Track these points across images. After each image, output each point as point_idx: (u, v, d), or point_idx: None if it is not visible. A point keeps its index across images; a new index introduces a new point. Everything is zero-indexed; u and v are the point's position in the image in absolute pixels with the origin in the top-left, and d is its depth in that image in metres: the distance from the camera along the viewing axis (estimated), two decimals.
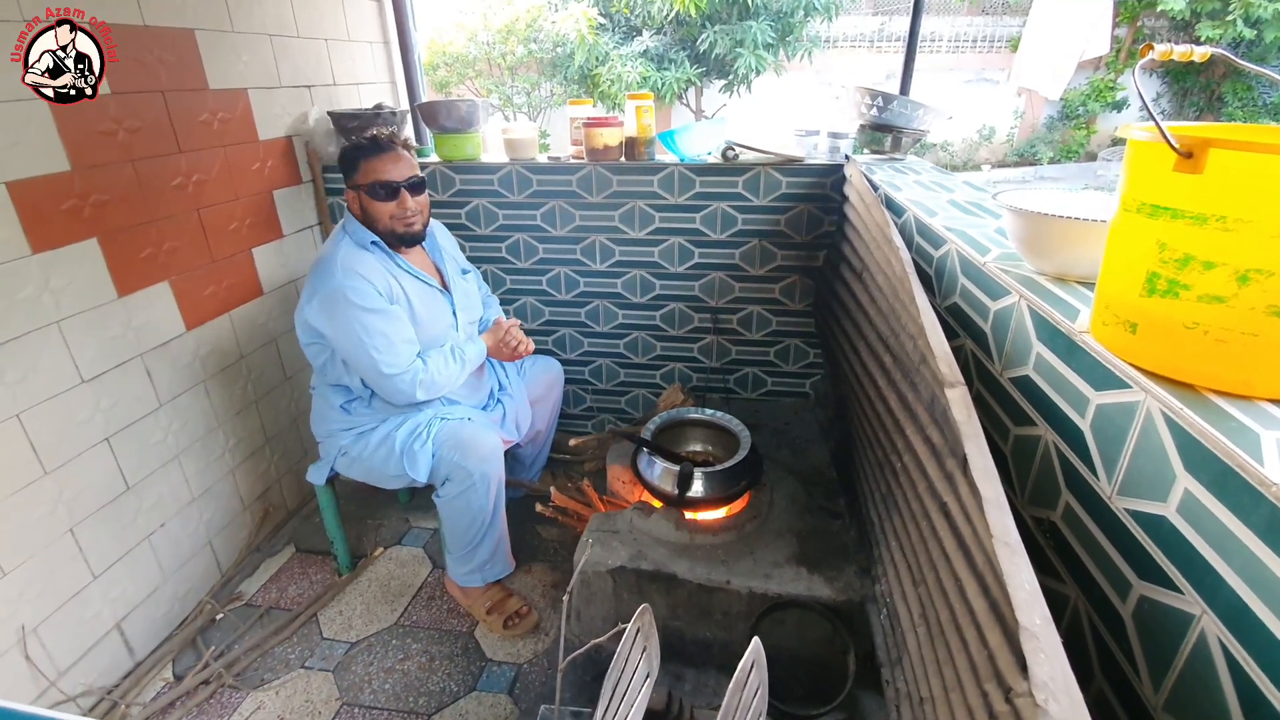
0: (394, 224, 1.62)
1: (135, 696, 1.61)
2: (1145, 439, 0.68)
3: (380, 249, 1.65)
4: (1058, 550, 0.86)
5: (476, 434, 1.67)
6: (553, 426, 2.24)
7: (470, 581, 1.79)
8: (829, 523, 1.60)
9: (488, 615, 1.79)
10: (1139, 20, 9.14)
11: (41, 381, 1.41)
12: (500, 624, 1.77)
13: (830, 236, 2.08)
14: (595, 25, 6.37)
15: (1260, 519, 0.54)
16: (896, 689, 1.09)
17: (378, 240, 1.64)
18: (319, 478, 1.84)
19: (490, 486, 1.67)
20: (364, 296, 1.54)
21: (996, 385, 1.03)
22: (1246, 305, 0.61)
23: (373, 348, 1.54)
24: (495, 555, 1.78)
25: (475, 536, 1.72)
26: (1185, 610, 0.62)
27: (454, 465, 1.63)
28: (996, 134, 9.89)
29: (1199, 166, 0.60)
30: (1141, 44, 9.59)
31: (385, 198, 1.59)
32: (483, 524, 1.71)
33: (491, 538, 1.75)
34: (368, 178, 1.58)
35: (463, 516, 1.68)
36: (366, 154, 1.58)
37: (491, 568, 1.79)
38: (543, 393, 2.09)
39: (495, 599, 1.81)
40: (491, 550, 1.76)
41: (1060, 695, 0.44)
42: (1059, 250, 0.94)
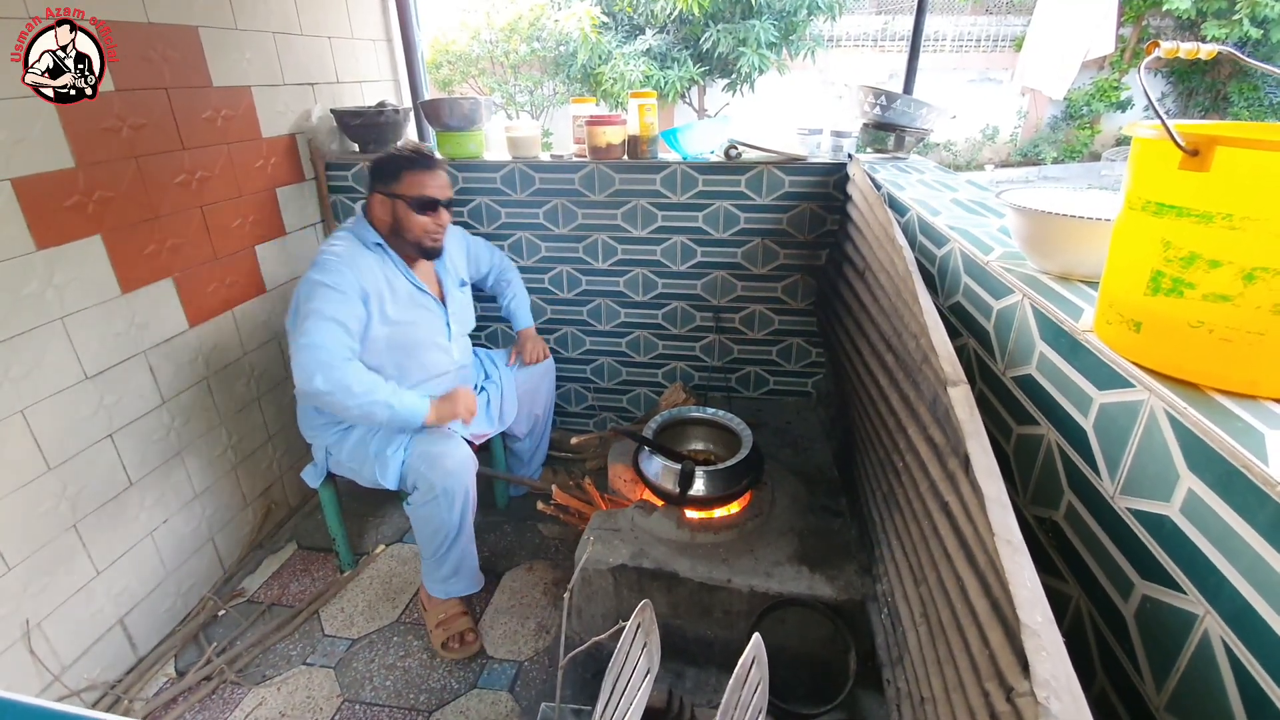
0: (424, 238, 1.66)
1: (138, 691, 1.61)
2: (1148, 438, 0.67)
3: (384, 251, 1.66)
4: (1060, 550, 0.86)
5: (447, 448, 1.63)
6: (549, 421, 2.23)
7: (434, 590, 1.76)
8: (830, 521, 1.59)
9: (435, 628, 1.74)
10: (1144, 19, 9.11)
11: (46, 378, 1.42)
12: (441, 640, 1.72)
13: (833, 235, 2.07)
14: (598, 24, 6.37)
15: (1265, 519, 0.54)
16: (897, 688, 1.09)
17: (381, 242, 1.65)
18: (314, 480, 1.84)
19: (455, 501, 1.63)
20: (334, 275, 1.53)
21: (999, 384, 1.03)
22: (1252, 304, 0.61)
23: (310, 325, 1.50)
24: (460, 571, 1.74)
25: (439, 549, 1.69)
26: (1188, 610, 0.62)
27: (420, 475, 1.61)
28: (1000, 134, 9.87)
29: (1205, 164, 0.60)
30: (1147, 43, 9.56)
31: (426, 212, 1.63)
32: (446, 537, 1.67)
33: (455, 553, 1.71)
34: (413, 190, 1.61)
35: (426, 526, 1.66)
36: (415, 166, 1.62)
37: (455, 583, 1.75)
38: (534, 385, 2.09)
39: (449, 613, 1.76)
40: (455, 566, 1.72)
41: (1062, 693, 0.44)
42: (1063, 249, 0.93)
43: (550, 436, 2.31)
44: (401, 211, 1.63)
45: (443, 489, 1.61)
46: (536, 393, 2.12)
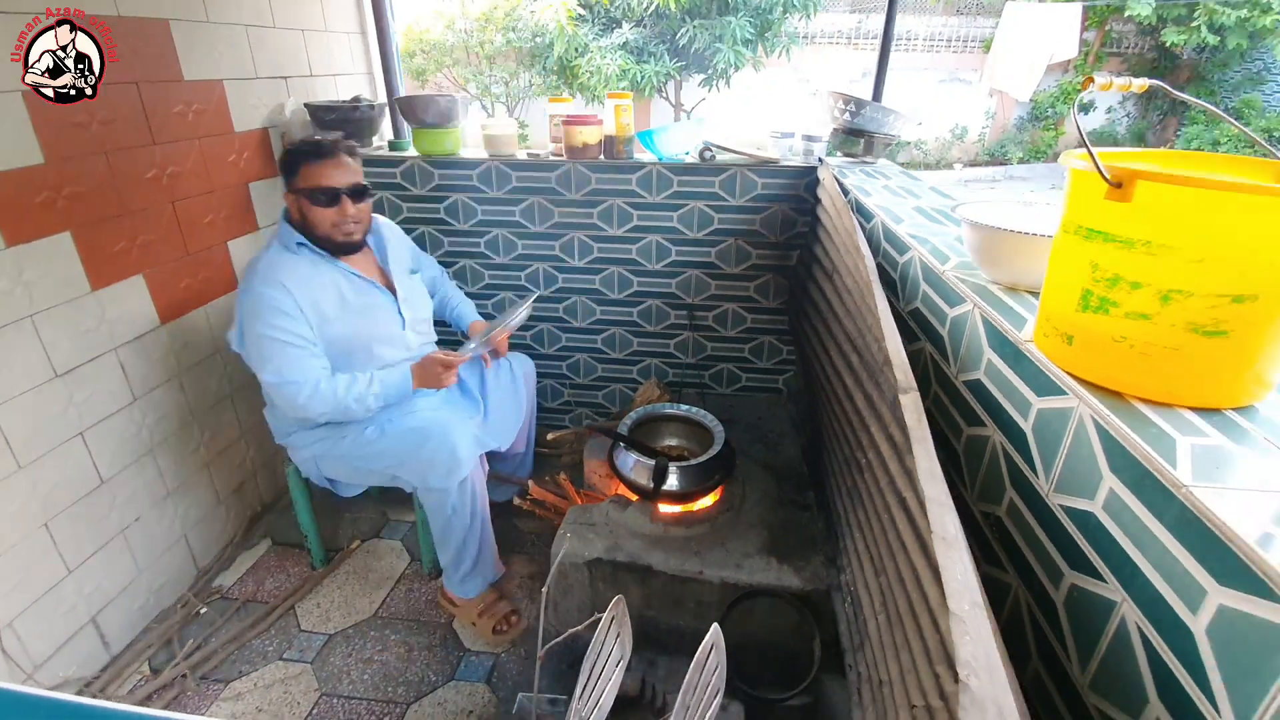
0: (333, 231, 1.59)
1: (113, 690, 1.61)
2: (1077, 442, 0.74)
3: (310, 250, 1.60)
4: (1002, 543, 0.92)
5: (443, 444, 1.64)
6: (533, 423, 2.26)
7: (459, 592, 1.80)
8: (799, 515, 1.66)
9: (479, 618, 1.79)
10: (1107, 25, 9.37)
11: (14, 376, 1.40)
12: (490, 628, 1.78)
13: (804, 237, 2.14)
14: (575, 16, 6.34)
15: (1172, 516, 0.60)
16: (859, 673, 1.15)
17: (304, 242, 1.59)
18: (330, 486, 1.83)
19: (465, 492, 1.68)
20: (273, 302, 1.50)
21: (952, 388, 1.09)
22: (1168, 322, 0.67)
23: (268, 355, 1.51)
24: (479, 563, 1.79)
25: (457, 542, 1.73)
26: (1108, 598, 0.69)
27: (420, 472, 1.64)
28: (969, 133, 10.08)
29: (1128, 195, 0.66)
30: (1109, 47, 9.80)
31: (325, 204, 1.57)
32: (462, 528, 1.72)
33: (473, 544, 1.75)
34: (308, 182, 1.56)
35: (438, 519, 1.71)
36: (308, 158, 1.55)
37: (476, 576, 1.80)
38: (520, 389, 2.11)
39: (486, 601, 1.82)
40: (475, 558, 1.77)
41: (981, 672, 0.50)
42: (1010, 261, 1.00)
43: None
44: (305, 206, 1.57)
45: (443, 486, 1.64)
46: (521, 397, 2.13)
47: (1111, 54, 9.82)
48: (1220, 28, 8.31)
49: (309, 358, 1.54)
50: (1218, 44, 8.59)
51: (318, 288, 1.58)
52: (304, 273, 1.56)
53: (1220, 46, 8.68)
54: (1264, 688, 0.50)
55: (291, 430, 1.74)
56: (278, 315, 1.50)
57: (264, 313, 1.50)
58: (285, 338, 1.51)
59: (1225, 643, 0.54)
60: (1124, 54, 9.88)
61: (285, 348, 1.51)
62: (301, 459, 1.77)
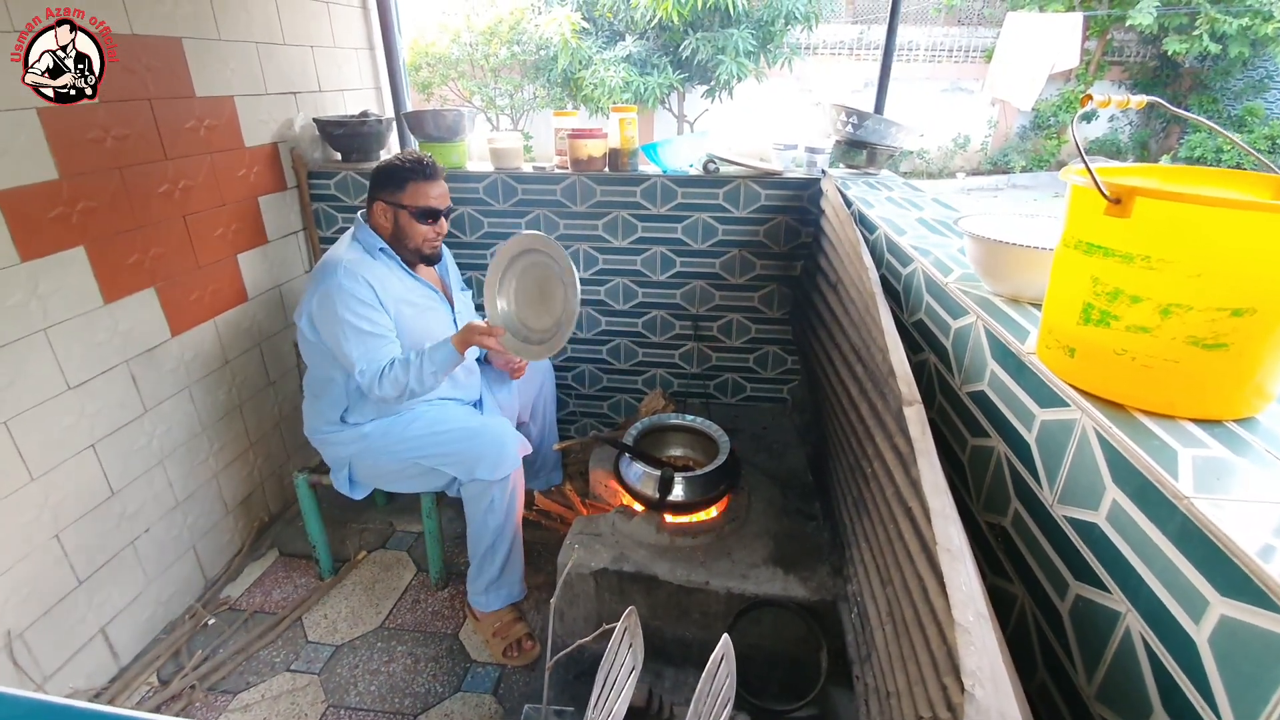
0: (424, 245, 1.71)
1: (122, 701, 1.62)
2: (1081, 453, 0.75)
3: (388, 256, 1.71)
4: (1007, 553, 0.93)
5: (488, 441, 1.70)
6: (553, 425, 2.26)
7: (478, 604, 1.80)
8: (804, 525, 1.66)
9: (491, 638, 1.79)
10: (1108, 34, 9.42)
11: (28, 388, 1.42)
12: (500, 649, 1.76)
13: (807, 247, 2.15)
14: (578, 29, 6.40)
15: (1174, 527, 0.61)
16: (866, 684, 1.15)
17: (385, 248, 1.70)
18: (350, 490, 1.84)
19: (505, 493, 1.70)
20: (358, 294, 1.60)
21: (956, 399, 1.10)
22: (1168, 336, 0.68)
23: (354, 342, 1.60)
24: (503, 577, 1.78)
25: (486, 549, 1.74)
26: (1113, 608, 0.69)
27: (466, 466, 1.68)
28: (971, 142, 10.12)
29: (1127, 211, 0.67)
30: (1111, 56, 9.84)
31: (428, 221, 1.69)
32: (493, 535, 1.73)
33: (500, 555, 1.75)
34: (417, 200, 1.66)
35: (474, 519, 1.73)
36: (418, 177, 1.66)
37: (497, 591, 1.79)
38: (535, 390, 2.13)
39: (502, 621, 1.80)
40: (500, 568, 1.76)
41: (986, 682, 0.50)
42: (1013, 274, 1.01)
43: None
44: (404, 220, 1.68)
45: (490, 478, 1.67)
46: (538, 398, 2.14)
47: (1113, 63, 9.86)
48: (1222, 36, 8.35)
49: (387, 344, 1.64)
50: (1220, 52, 8.62)
51: (394, 290, 1.69)
52: (382, 274, 1.67)
53: (1222, 55, 8.71)
54: (1265, 697, 0.50)
55: (332, 429, 1.76)
56: (364, 306, 1.60)
57: (352, 304, 1.59)
58: (369, 327, 1.61)
59: (1227, 652, 0.55)
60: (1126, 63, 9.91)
61: (369, 335, 1.61)
62: (334, 456, 1.80)
